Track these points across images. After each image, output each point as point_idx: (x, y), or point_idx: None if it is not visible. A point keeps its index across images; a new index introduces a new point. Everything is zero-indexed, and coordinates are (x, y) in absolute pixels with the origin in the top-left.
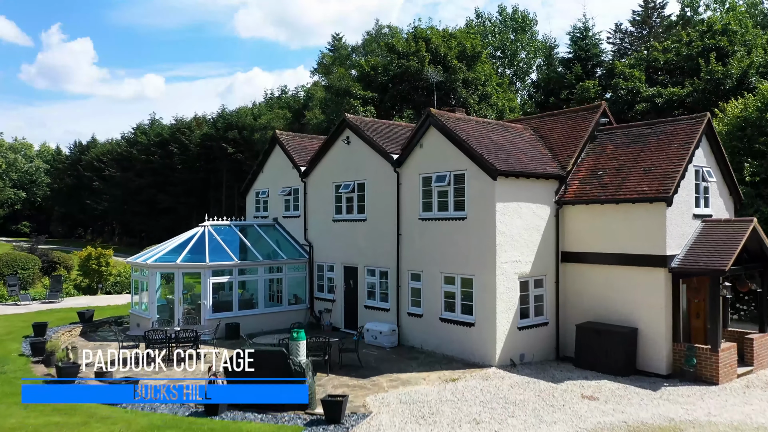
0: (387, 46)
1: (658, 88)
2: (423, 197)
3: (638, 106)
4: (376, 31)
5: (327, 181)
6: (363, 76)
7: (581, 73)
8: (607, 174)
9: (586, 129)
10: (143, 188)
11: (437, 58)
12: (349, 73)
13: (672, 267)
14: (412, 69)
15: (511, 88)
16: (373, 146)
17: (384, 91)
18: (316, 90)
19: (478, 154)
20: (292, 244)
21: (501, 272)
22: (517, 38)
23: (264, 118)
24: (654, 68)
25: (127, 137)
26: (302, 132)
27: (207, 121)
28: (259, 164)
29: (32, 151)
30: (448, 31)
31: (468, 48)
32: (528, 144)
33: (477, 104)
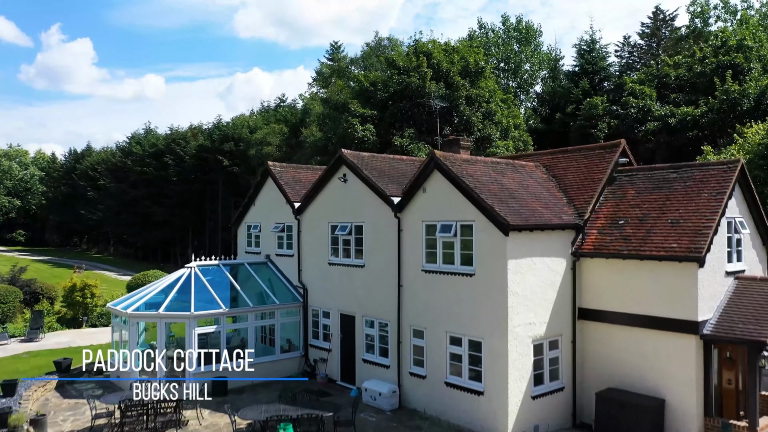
0: (387, 61)
1: (670, 108)
2: (426, 247)
3: (649, 124)
4: (375, 43)
5: (322, 220)
6: (362, 92)
7: (588, 88)
8: (629, 224)
9: (605, 170)
10: (138, 200)
11: (439, 73)
12: (347, 86)
13: (704, 334)
14: (413, 86)
15: (515, 102)
16: (372, 187)
17: (384, 109)
18: (314, 104)
19: (488, 205)
20: (285, 285)
21: (513, 337)
22: (521, 49)
23: (260, 133)
24: (665, 84)
25: (122, 147)
26: (299, 149)
27: (203, 131)
28: (251, 197)
29: (27, 158)
30: (450, 44)
31: (471, 63)
32: (540, 186)
33: (481, 122)
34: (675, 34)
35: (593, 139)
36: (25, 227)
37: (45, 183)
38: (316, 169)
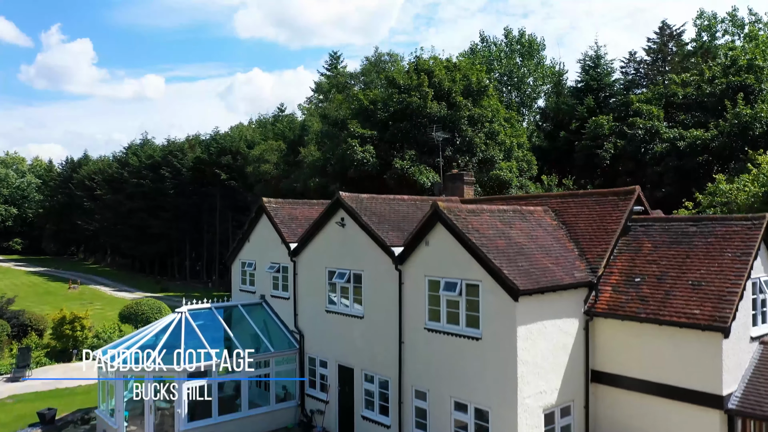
0: (387, 79)
1: (679, 130)
2: (429, 303)
3: (657, 146)
4: (375, 57)
5: (319, 264)
6: (361, 110)
7: (593, 105)
8: (646, 282)
9: (619, 220)
10: (134, 212)
11: (440, 92)
12: (346, 101)
13: (729, 408)
14: (414, 105)
15: (518, 117)
16: (372, 236)
17: (384, 128)
18: (312, 121)
19: (497, 267)
20: (281, 330)
21: (523, 409)
22: (524, 63)
23: (257, 149)
24: (672, 103)
25: (118, 157)
26: (297, 168)
27: (200, 142)
28: (245, 233)
29: (24, 165)
30: (451, 61)
31: (473, 82)
32: (550, 236)
33: (483, 143)
34: (682, 51)
35: (599, 159)
36: (21, 236)
37: (41, 191)
38: (313, 204)
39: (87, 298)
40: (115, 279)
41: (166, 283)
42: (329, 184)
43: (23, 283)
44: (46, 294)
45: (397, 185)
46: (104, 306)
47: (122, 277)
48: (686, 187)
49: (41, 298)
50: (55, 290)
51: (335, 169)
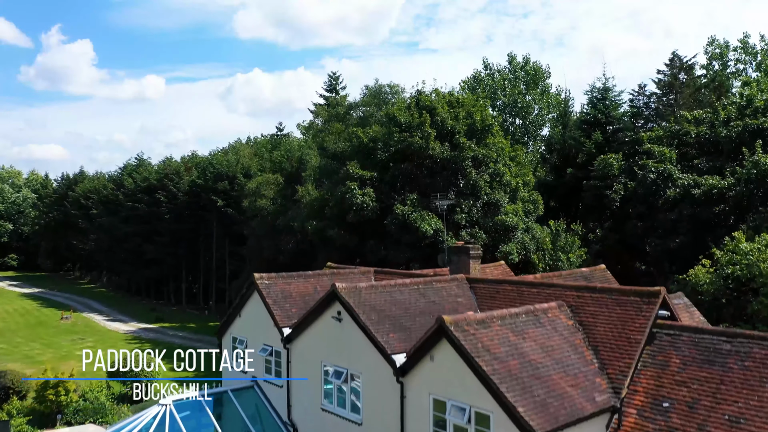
0: (387, 116)
1: (693, 176)
2: (435, 424)
3: (670, 191)
4: (376, 88)
5: (315, 358)
6: (361, 148)
7: (601, 140)
8: (675, 409)
9: (643, 328)
10: (129, 236)
11: (443, 131)
12: (345, 134)
13: None
14: (415, 146)
15: (523, 150)
16: (371, 338)
17: (384, 169)
18: (311, 155)
19: (510, 403)
20: (274, 421)
21: None
22: (528, 91)
23: (254, 182)
24: (685, 142)
25: (114, 177)
26: (295, 205)
27: (197, 164)
28: (236, 308)
29: (20, 180)
30: (454, 95)
31: (477, 121)
32: (567, 345)
33: (488, 185)
34: (694, 83)
35: (608, 201)
36: (17, 251)
37: (37, 208)
38: (309, 276)
39: (79, 331)
40: (110, 304)
41: (162, 310)
42: (327, 228)
43: (16, 309)
44: (38, 325)
45: (398, 231)
46: (96, 342)
47: (117, 301)
48: (701, 237)
49: (32, 332)
50: (48, 320)
51: (334, 211)
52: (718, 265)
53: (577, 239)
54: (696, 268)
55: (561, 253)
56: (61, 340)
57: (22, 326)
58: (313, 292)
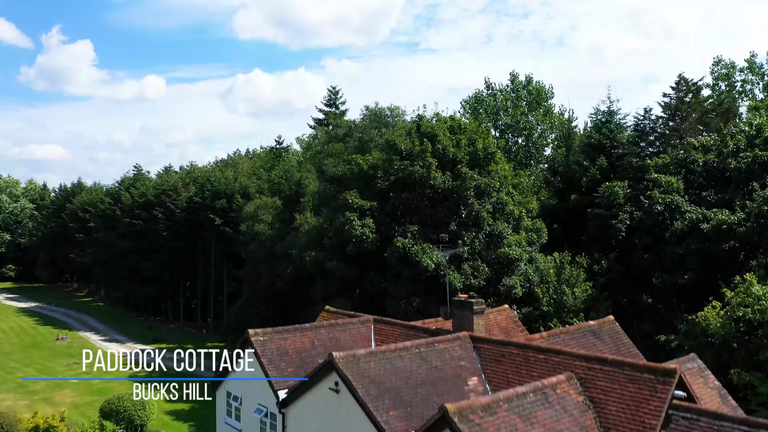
0: (388, 143)
1: (702, 210)
2: None
3: (677, 224)
4: (376, 110)
5: (311, 426)
6: (361, 175)
7: (606, 166)
8: None
9: (658, 413)
10: (126, 253)
11: (444, 159)
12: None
13: None
14: (416, 175)
15: (526, 172)
16: (370, 416)
17: (384, 198)
18: (309, 181)
19: None
20: None
21: None
22: (531, 111)
23: (251, 206)
24: (692, 170)
25: (111, 191)
26: (294, 232)
27: (194, 179)
28: (230, 361)
29: (18, 189)
30: (456, 120)
31: (480, 149)
32: (578, 429)
33: (490, 216)
34: (700, 107)
35: (614, 231)
36: (15, 262)
37: (35, 219)
38: (306, 330)
39: (75, 353)
40: (107, 320)
41: (159, 328)
42: (326, 260)
43: (12, 328)
44: (33, 347)
45: (399, 264)
46: (91, 367)
47: (114, 318)
48: (711, 274)
49: (27, 355)
50: (43, 340)
51: (333, 242)
52: (728, 307)
53: (582, 272)
54: (706, 310)
55: (566, 287)
56: (56, 365)
57: (17, 347)
58: (311, 347)
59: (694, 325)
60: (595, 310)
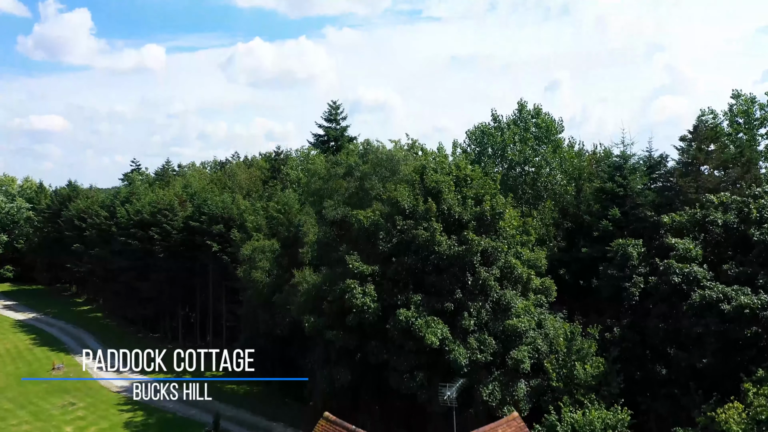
0: (390, 200)
1: (722, 288)
2: None
3: (695, 296)
4: (376, 150)
5: None
6: (362, 232)
7: (619, 217)
8: None
9: None
10: (123, 270)
11: (450, 220)
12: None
13: None
14: (420, 240)
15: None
16: None
17: (387, 261)
18: (309, 227)
19: None
20: None
21: None
22: (539, 143)
23: (247, 248)
24: (711, 233)
25: (106, 204)
26: (292, 292)
27: (191, 195)
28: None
29: (14, 187)
30: (462, 168)
31: (487, 211)
32: None
33: (497, 282)
34: (720, 155)
35: (627, 296)
36: (13, 262)
37: (31, 223)
38: None
39: (71, 388)
40: (105, 338)
41: (158, 348)
42: (326, 329)
43: (8, 350)
44: (26, 379)
45: (402, 336)
46: (88, 407)
47: (112, 334)
48: (732, 358)
49: (22, 392)
50: (39, 368)
51: (332, 308)
52: (750, 408)
53: (594, 344)
54: (726, 408)
55: (577, 362)
56: (51, 407)
57: (13, 380)
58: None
59: (713, 420)
60: (608, 386)
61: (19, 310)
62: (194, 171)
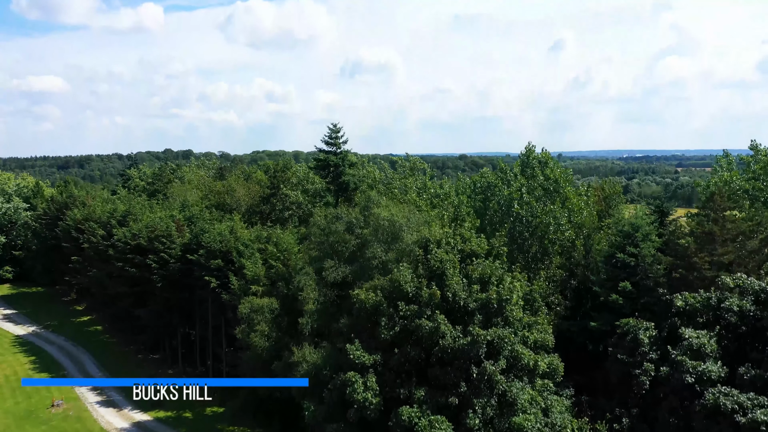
0: (393, 288)
1: (737, 397)
2: None
3: (708, 395)
4: (377, 222)
5: None
6: (363, 312)
7: (629, 290)
8: None
9: None
10: (121, 296)
11: (455, 306)
12: (345, 249)
13: None
14: (424, 331)
15: (540, 272)
16: None
17: (389, 349)
18: (308, 292)
19: None
20: None
21: None
22: (546, 196)
23: (245, 306)
24: (726, 321)
25: (103, 223)
26: (292, 369)
27: (188, 217)
28: None
29: (11, 186)
30: (467, 238)
31: (493, 300)
32: None
33: (504, 374)
34: (738, 228)
35: (637, 384)
36: (12, 263)
37: (28, 228)
38: None
39: (70, 429)
40: (105, 361)
41: (158, 376)
42: (326, 421)
43: (6, 377)
44: (27, 418)
45: None
46: None
47: (112, 356)
48: None
49: None
50: (38, 405)
51: (333, 397)
52: None
53: None
54: None
55: None
56: None
57: (12, 420)
58: None
59: None
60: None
61: (19, 322)
62: (193, 175)
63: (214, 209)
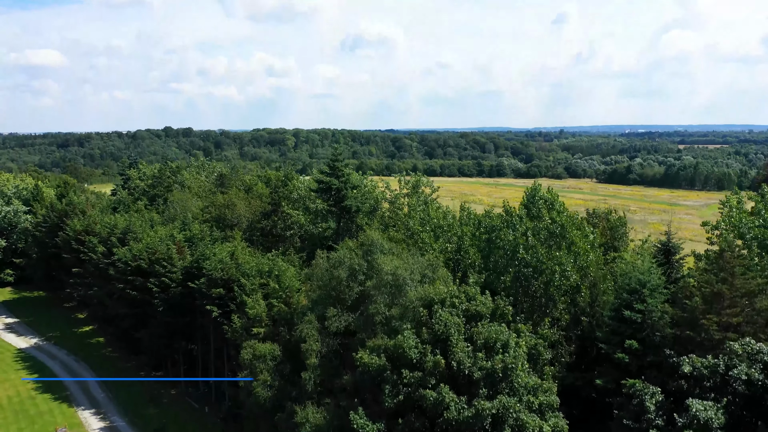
0: (396, 351)
1: None
2: None
3: None
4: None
5: None
6: (366, 375)
7: (636, 348)
8: None
9: None
10: (122, 317)
11: (459, 374)
12: (347, 299)
13: None
14: (428, 402)
15: (544, 320)
16: None
17: (393, 418)
18: (311, 343)
19: None
20: None
21: None
22: (551, 240)
23: (247, 353)
24: (734, 388)
25: (103, 237)
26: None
27: (188, 239)
28: None
29: (10, 187)
30: (473, 294)
31: (498, 369)
32: None
33: None
34: (747, 286)
35: None
36: (12, 266)
37: (28, 234)
38: None
39: None
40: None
41: (159, 398)
42: None
43: (9, 397)
44: None
45: None
46: None
47: (116, 371)
48: None
49: None
50: (42, 429)
51: None
52: None
53: None
54: None
55: None
56: None
57: None
58: None
59: None
60: None
61: (21, 332)
62: (193, 181)
63: (214, 226)
